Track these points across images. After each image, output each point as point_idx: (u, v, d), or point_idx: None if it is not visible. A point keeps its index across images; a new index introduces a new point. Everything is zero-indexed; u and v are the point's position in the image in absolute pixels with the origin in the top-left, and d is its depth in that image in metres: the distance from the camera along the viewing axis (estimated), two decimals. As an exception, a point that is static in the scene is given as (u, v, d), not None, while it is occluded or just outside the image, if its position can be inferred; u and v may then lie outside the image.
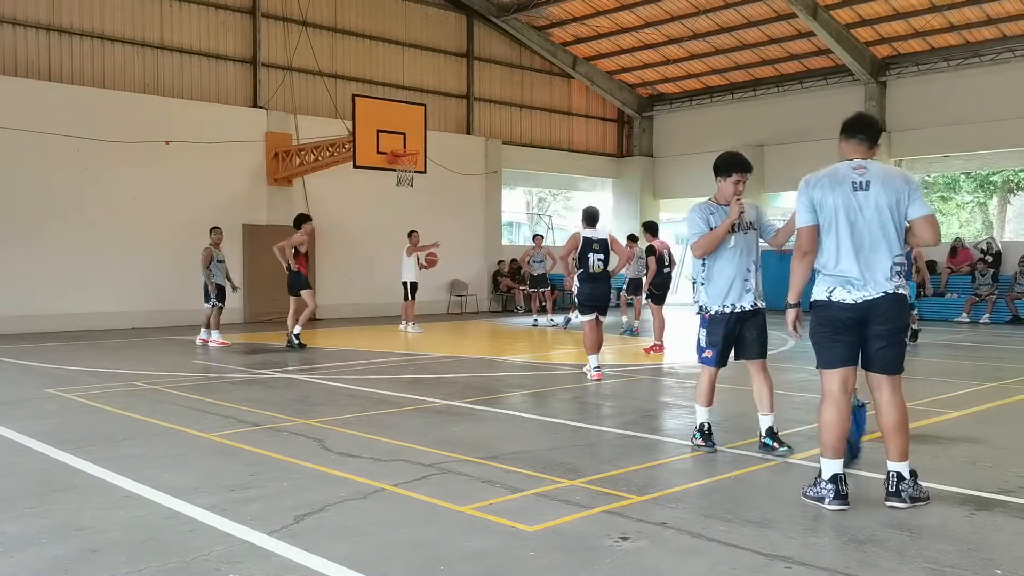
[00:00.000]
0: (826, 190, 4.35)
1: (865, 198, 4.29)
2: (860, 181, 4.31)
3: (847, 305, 4.30)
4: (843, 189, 4.32)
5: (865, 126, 4.48)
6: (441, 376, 9.65)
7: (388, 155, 15.72)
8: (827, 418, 4.38)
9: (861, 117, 4.58)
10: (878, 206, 4.28)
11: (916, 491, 4.32)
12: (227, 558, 3.62)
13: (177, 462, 5.39)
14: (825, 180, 4.38)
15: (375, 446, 5.80)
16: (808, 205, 4.40)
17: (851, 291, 4.29)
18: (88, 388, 8.49)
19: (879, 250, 4.28)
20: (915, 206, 4.32)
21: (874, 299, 4.27)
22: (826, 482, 4.31)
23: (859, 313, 4.28)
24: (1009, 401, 7.93)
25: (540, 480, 4.88)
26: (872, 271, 4.28)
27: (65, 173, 15.32)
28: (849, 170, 4.36)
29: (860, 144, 4.44)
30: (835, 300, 4.33)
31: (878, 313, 4.27)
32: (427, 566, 3.54)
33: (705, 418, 5.70)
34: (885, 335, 4.30)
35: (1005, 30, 18.57)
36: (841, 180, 4.34)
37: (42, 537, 3.91)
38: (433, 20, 21.21)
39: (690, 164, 24.28)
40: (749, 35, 20.86)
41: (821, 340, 4.42)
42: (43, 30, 15.65)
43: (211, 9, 17.61)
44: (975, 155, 20.47)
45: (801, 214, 4.44)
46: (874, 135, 4.47)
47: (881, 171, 4.37)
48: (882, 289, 4.26)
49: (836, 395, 4.37)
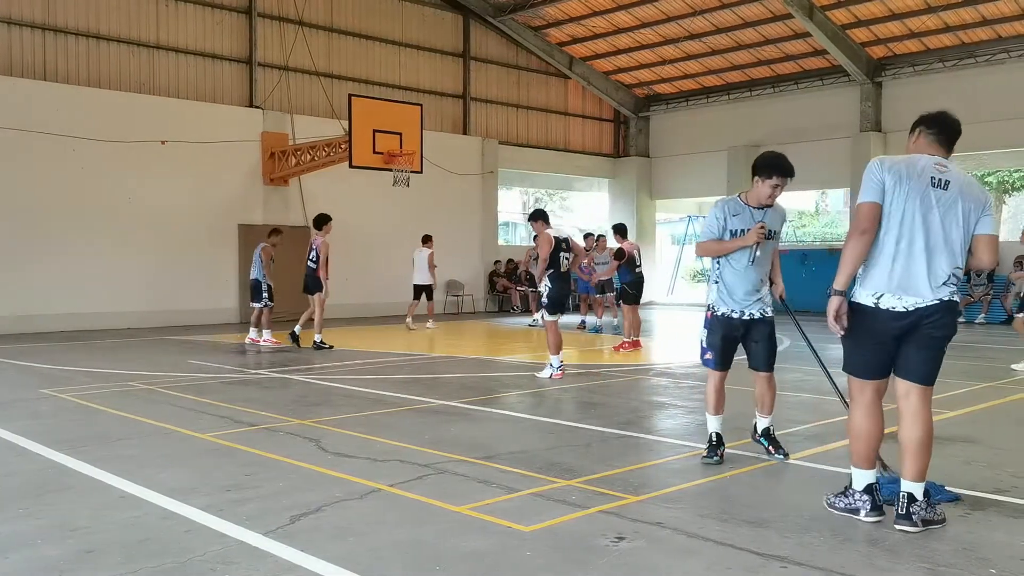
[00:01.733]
0: (902, 177, 3.96)
1: (942, 197, 3.94)
2: (940, 179, 3.96)
3: (898, 313, 3.95)
4: (921, 181, 3.94)
5: (949, 126, 4.12)
6: (437, 376, 9.64)
7: (384, 155, 15.71)
8: (861, 427, 4.09)
9: (945, 116, 4.16)
10: (954, 208, 3.95)
11: (930, 513, 3.98)
12: (223, 558, 3.62)
13: (173, 462, 5.38)
14: (903, 167, 3.99)
15: (371, 446, 5.79)
16: (879, 185, 3.97)
17: (903, 297, 3.94)
18: (83, 388, 8.47)
19: (942, 254, 3.93)
20: (985, 222, 4.01)
21: (928, 306, 3.92)
22: (860, 493, 4.10)
23: (910, 321, 3.95)
24: (1004, 401, 7.96)
25: (536, 480, 4.88)
26: (934, 275, 3.92)
27: (61, 173, 15.28)
28: (930, 163, 4.00)
29: (941, 145, 4.10)
30: (883, 308, 3.96)
31: (930, 320, 3.93)
32: (423, 566, 3.54)
33: (715, 427, 5.39)
34: (931, 344, 3.98)
35: (1000, 31, 18.61)
36: (921, 171, 3.97)
37: (37, 538, 3.90)
38: (429, 20, 21.21)
39: (686, 164, 24.33)
40: (745, 36, 20.89)
41: (859, 347, 4.08)
42: (38, 29, 15.61)
43: (207, 9, 17.58)
44: (970, 156, 20.46)
45: (867, 191, 4.00)
46: (955, 136, 4.13)
47: (961, 176, 4.04)
48: (938, 296, 3.92)
49: (870, 403, 4.09)
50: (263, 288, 12.74)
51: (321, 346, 12.08)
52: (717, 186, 22.80)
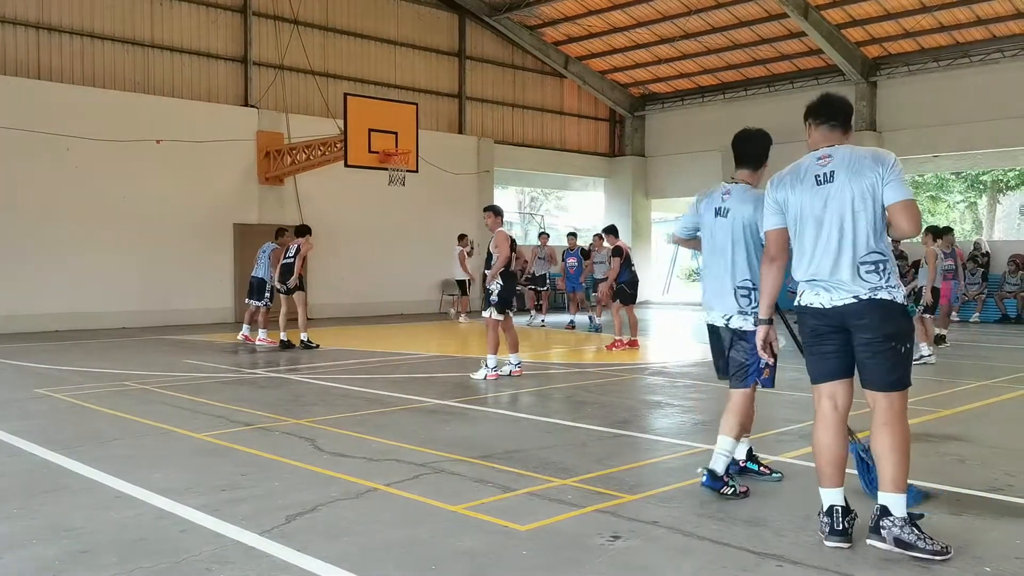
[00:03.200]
0: (788, 189, 3.91)
1: (830, 192, 3.77)
2: (823, 173, 3.81)
3: (818, 311, 3.83)
4: (806, 186, 3.85)
5: (834, 108, 3.95)
6: (433, 375, 9.64)
7: (380, 154, 15.70)
8: (817, 440, 3.87)
9: (828, 98, 4.01)
10: (842, 199, 3.73)
11: (909, 535, 3.57)
12: (218, 558, 3.61)
13: (168, 462, 5.37)
14: (788, 178, 3.94)
15: (367, 446, 5.79)
16: (774, 206, 3.98)
17: (820, 294, 3.81)
18: (78, 388, 8.45)
19: (846, 248, 3.72)
20: (889, 190, 3.68)
21: (846, 305, 3.72)
22: (823, 514, 3.79)
23: (834, 320, 3.77)
24: (998, 400, 7.98)
25: (532, 479, 4.88)
26: (839, 272, 3.73)
27: (55, 173, 15.23)
28: (813, 163, 3.88)
29: (831, 131, 3.92)
30: (805, 304, 3.89)
31: (855, 320, 3.72)
32: (419, 565, 3.54)
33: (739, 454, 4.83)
34: (866, 345, 3.71)
35: (994, 31, 18.66)
36: (804, 176, 3.88)
37: (32, 538, 3.89)
38: (425, 19, 21.19)
39: (682, 164, 24.33)
40: (741, 35, 20.91)
41: (808, 351, 3.96)
42: (32, 28, 15.55)
43: (202, 7, 17.53)
44: (965, 155, 20.57)
45: (767, 216, 4.02)
46: (845, 118, 3.94)
47: (847, 156, 3.79)
48: (853, 293, 3.70)
49: (824, 413, 3.85)
50: (267, 288, 12.91)
51: (309, 345, 12.23)
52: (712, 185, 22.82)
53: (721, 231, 4.71)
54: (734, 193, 4.73)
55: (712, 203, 4.79)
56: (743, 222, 4.63)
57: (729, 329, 4.69)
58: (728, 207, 4.70)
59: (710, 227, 4.78)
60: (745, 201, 4.65)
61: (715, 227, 4.74)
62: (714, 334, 4.83)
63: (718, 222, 4.73)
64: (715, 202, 4.78)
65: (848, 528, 3.73)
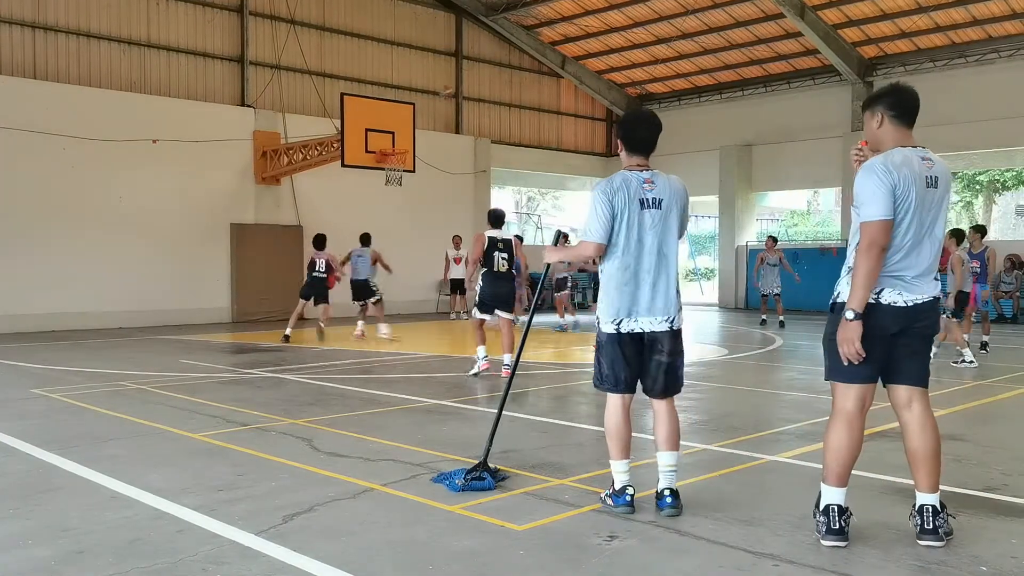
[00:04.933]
0: (909, 182, 3.64)
1: (935, 196, 3.72)
2: (930, 176, 3.70)
3: (899, 309, 3.70)
4: (920, 184, 3.67)
5: (917, 107, 3.80)
6: (430, 375, 9.64)
7: (377, 154, 15.71)
8: (837, 441, 3.74)
9: (910, 94, 3.80)
10: (941, 204, 3.76)
11: (948, 525, 3.76)
12: (214, 559, 3.61)
13: (164, 462, 5.36)
14: (905, 171, 3.65)
15: (364, 446, 5.78)
16: (890, 193, 3.62)
17: (903, 293, 3.70)
18: (74, 388, 8.44)
19: (934, 250, 3.74)
20: None
21: (923, 303, 3.73)
22: (819, 513, 3.79)
23: (907, 319, 3.72)
24: (994, 399, 7.99)
25: (529, 479, 4.88)
26: (930, 273, 3.76)
27: (51, 172, 15.21)
28: (920, 162, 3.70)
29: (909, 131, 3.80)
30: (884, 303, 3.69)
31: (918, 321, 3.74)
32: (416, 566, 3.54)
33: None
34: (919, 342, 3.78)
35: (990, 31, 18.70)
36: (919, 174, 3.67)
37: (27, 538, 3.88)
38: (422, 19, 21.19)
39: (678, 164, 24.24)
40: (737, 35, 20.94)
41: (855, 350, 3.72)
42: (28, 27, 15.53)
43: (198, 7, 17.52)
44: (961, 155, 20.60)
45: (879, 203, 3.61)
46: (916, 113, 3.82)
47: (942, 165, 3.79)
48: (931, 293, 3.75)
49: (852, 414, 3.74)
50: (372, 285, 14.07)
51: None
52: (709, 185, 22.87)
53: (653, 224, 4.20)
54: (658, 181, 4.26)
55: (633, 195, 4.20)
56: (679, 211, 4.27)
57: (671, 332, 4.24)
58: (659, 196, 4.21)
59: (637, 221, 4.19)
60: (677, 189, 4.28)
61: (644, 220, 4.19)
62: (636, 342, 4.26)
63: (648, 214, 4.19)
64: (637, 193, 4.20)
65: (845, 527, 3.73)
